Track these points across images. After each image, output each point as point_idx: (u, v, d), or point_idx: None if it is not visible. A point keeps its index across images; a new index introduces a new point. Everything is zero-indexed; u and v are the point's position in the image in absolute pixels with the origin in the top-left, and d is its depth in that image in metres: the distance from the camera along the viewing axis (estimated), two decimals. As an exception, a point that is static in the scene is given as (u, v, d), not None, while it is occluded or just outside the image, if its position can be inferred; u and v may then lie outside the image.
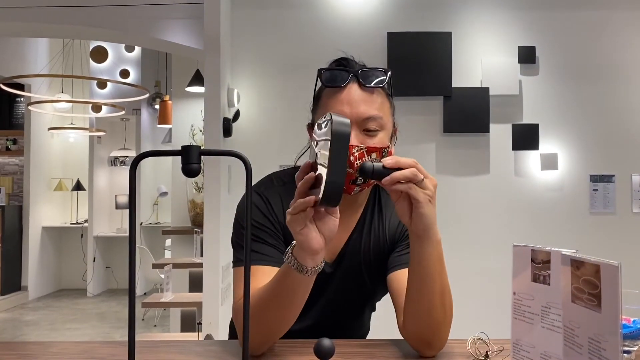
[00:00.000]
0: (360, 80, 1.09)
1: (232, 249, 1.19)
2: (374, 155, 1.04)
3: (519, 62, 3.39)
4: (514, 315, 0.89)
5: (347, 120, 0.88)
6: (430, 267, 0.99)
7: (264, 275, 1.06)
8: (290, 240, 1.08)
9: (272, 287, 1.01)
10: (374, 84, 1.09)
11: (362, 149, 1.02)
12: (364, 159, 1.02)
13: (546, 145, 3.39)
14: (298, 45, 3.39)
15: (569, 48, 3.44)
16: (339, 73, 1.10)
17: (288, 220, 0.92)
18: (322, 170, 0.87)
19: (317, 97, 1.15)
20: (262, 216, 1.14)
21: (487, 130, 3.37)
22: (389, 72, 1.11)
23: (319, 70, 1.11)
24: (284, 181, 1.20)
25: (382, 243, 1.20)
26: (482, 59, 3.39)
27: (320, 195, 0.86)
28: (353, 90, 1.09)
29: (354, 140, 1.04)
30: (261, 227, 1.13)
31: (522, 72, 3.41)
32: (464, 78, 3.39)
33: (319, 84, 1.13)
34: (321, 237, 0.93)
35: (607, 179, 3.42)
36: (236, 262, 1.15)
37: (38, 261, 7.15)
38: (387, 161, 0.93)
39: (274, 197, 1.16)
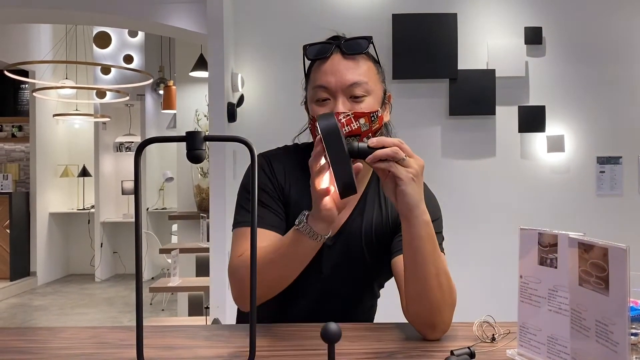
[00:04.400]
0: (343, 49, 1.13)
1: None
2: (362, 121, 1.09)
3: (525, 44, 3.35)
4: (521, 299, 0.89)
5: (331, 114, 0.94)
6: (421, 248, 1.00)
7: (259, 238, 1.10)
8: (289, 204, 1.17)
9: (279, 249, 1.06)
10: (356, 51, 1.13)
11: (349, 115, 1.08)
12: (351, 125, 1.07)
13: (553, 127, 3.37)
14: (302, 28, 3.35)
15: (576, 28, 3.39)
16: (322, 46, 1.15)
17: (314, 193, 0.97)
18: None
19: (307, 74, 1.20)
20: (265, 177, 1.20)
21: (493, 113, 3.34)
22: (372, 38, 1.15)
23: (304, 47, 1.16)
24: (289, 150, 1.27)
25: (385, 223, 1.21)
26: (488, 40, 3.35)
27: (338, 191, 0.92)
28: (336, 60, 1.13)
29: (340, 107, 1.09)
30: (262, 189, 1.19)
31: (529, 54, 3.37)
32: (469, 60, 3.36)
33: (308, 61, 1.18)
34: (336, 208, 0.99)
35: (614, 160, 3.40)
36: (236, 224, 1.20)
37: (46, 247, 7.21)
38: (372, 141, 0.96)
39: (277, 162, 1.22)
